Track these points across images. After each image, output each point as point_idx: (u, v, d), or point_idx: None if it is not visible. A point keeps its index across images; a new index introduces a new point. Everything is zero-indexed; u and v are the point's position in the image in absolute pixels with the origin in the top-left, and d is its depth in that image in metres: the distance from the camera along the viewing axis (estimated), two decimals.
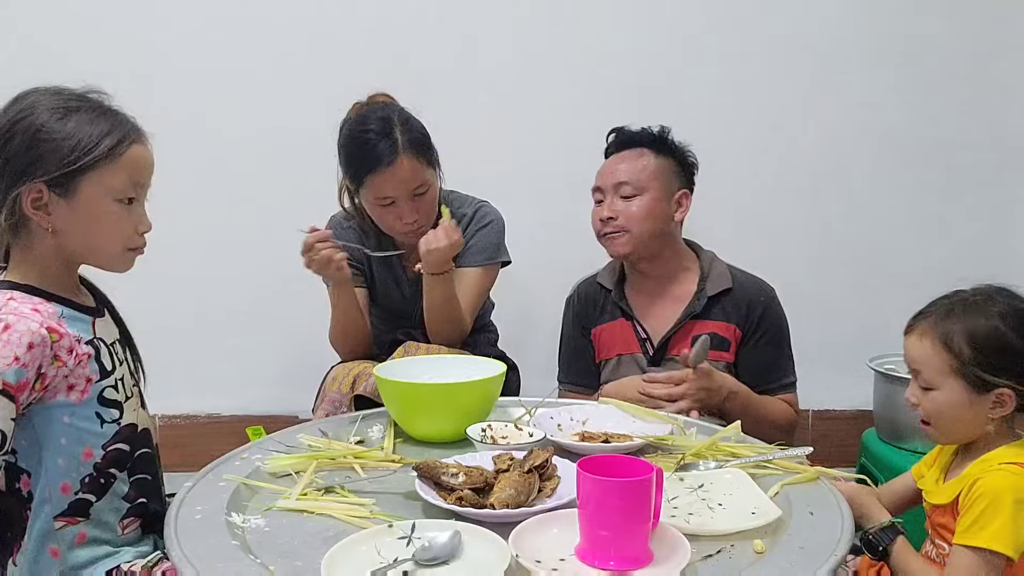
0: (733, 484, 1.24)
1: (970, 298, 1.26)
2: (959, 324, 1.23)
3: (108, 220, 1.17)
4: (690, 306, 1.82)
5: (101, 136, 1.14)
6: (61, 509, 1.16)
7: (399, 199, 1.79)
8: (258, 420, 2.11)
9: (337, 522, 1.13)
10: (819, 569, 0.99)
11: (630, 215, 1.80)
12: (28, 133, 1.11)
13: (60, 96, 1.16)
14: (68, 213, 1.15)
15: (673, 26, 2.56)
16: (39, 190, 1.13)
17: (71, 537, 1.17)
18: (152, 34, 2.50)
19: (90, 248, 1.20)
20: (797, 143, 2.61)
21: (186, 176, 2.43)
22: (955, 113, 2.61)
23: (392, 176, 1.76)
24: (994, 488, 1.15)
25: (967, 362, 1.21)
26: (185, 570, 0.99)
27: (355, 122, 1.82)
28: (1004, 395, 1.21)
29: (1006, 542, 1.13)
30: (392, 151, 1.75)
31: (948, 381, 1.23)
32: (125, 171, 1.17)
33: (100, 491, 1.20)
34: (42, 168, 1.11)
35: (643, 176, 1.81)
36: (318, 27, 2.52)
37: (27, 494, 1.16)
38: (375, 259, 1.92)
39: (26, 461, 1.15)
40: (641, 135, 1.86)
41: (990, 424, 1.23)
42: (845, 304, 2.61)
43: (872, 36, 2.57)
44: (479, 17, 2.53)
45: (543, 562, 0.99)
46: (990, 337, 1.21)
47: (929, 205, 2.65)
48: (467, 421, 1.43)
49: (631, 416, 1.51)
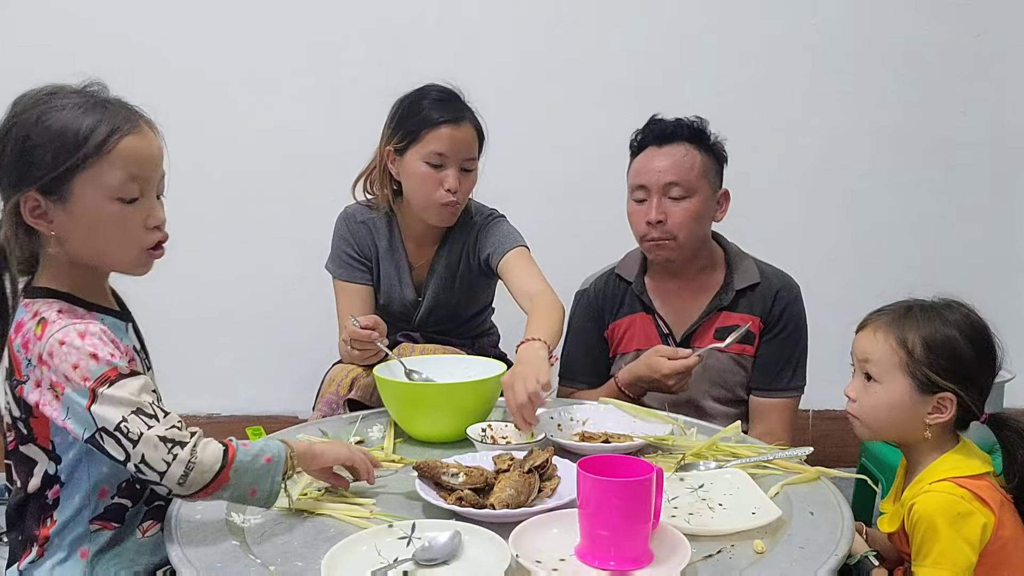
0: (733, 484, 1.24)
1: (928, 304, 1.27)
2: (916, 324, 1.24)
3: (110, 222, 1.08)
4: (717, 299, 1.79)
5: (88, 131, 1.04)
6: (97, 513, 1.13)
7: (450, 161, 1.77)
8: (258, 420, 2.10)
9: (337, 522, 1.13)
10: (819, 569, 0.99)
11: (679, 220, 1.72)
12: (19, 139, 1.04)
13: (52, 95, 1.07)
14: (67, 219, 1.06)
15: (673, 26, 2.55)
16: (35, 199, 1.05)
17: (103, 540, 1.14)
18: (151, 34, 2.49)
19: (98, 253, 1.11)
20: (797, 143, 2.61)
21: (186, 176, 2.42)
22: (955, 113, 2.60)
23: (455, 132, 1.76)
24: (926, 513, 1.16)
25: (918, 361, 1.22)
26: (185, 570, 0.99)
27: (423, 87, 1.83)
28: (946, 400, 1.21)
29: (946, 566, 1.13)
30: (460, 112, 1.79)
31: (895, 376, 1.24)
32: (119, 166, 1.06)
33: (136, 496, 1.17)
34: (33, 174, 1.04)
35: (692, 176, 1.72)
36: (318, 28, 2.52)
37: (52, 501, 1.12)
38: (383, 256, 1.91)
39: (66, 471, 1.11)
40: (680, 128, 1.75)
41: (927, 430, 1.23)
42: (845, 304, 2.60)
43: (872, 36, 2.57)
44: (479, 17, 2.53)
45: (543, 562, 0.99)
46: (945, 342, 1.22)
47: (929, 205, 2.65)
48: (467, 421, 1.43)
49: (631, 416, 1.51)
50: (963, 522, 1.14)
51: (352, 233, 1.90)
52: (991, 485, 1.20)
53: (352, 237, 1.90)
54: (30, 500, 1.14)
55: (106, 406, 1.02)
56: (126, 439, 1.01)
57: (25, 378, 1.07)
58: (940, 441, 1.24)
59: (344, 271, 1.89)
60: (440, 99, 1.80)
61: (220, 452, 1.05)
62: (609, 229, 2.57)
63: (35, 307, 1.08)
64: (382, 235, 1.91)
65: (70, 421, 1.04)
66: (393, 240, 1.91)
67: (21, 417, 1.10)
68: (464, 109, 1.81)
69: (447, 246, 1.91)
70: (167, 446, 1.01)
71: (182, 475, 1.02)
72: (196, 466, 1.02)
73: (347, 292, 1.89)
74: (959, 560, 1.13)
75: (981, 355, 1.22)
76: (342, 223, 1.92)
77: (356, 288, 1.89)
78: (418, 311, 1.93)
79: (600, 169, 2.56)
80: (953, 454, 1.23)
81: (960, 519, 1.15)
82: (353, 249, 1.89)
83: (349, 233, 1.90)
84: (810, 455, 1.34)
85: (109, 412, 1.01)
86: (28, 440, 1.11)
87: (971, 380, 1.21)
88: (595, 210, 2.54)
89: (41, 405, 1.06)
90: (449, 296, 1.93)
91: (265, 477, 1.09)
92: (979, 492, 1.17)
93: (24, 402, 1.08)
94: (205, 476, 1.03)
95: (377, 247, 1.91)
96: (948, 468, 1.21)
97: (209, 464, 1.03)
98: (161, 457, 1.01)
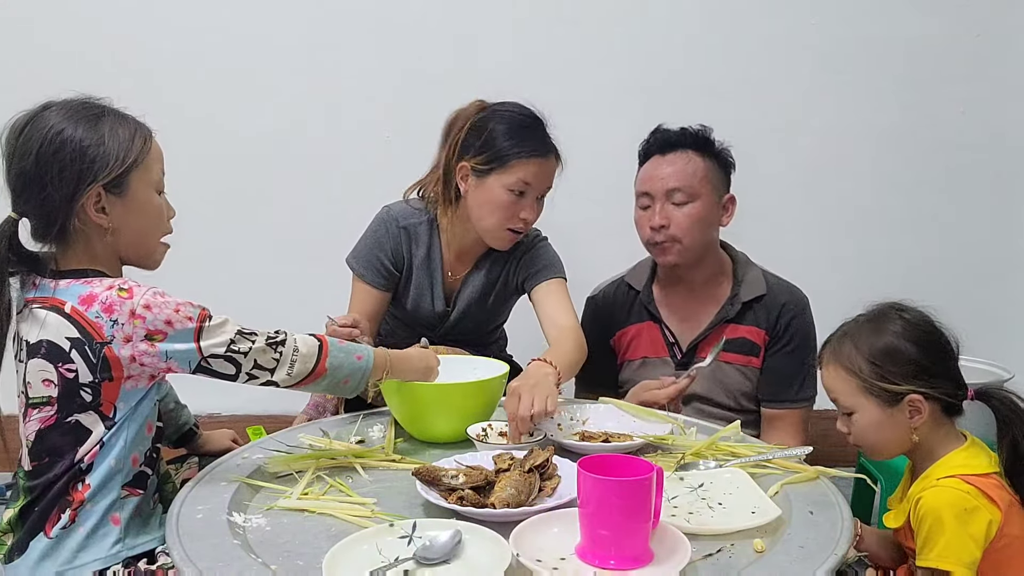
0: (733, 483, 1.25)
1: (861, 319, 1.29)
2: (853, 345, 1.26)
3: (153, 210, 1.28)
4: (723, 311, 1.80)
5: (132, 135, 1.23)
6: (128, 480, 1.22)
7: (531, 192, 1.76)
8: (258, 420, 2.10)
9: (338, 521, 1.14)
10: (819, 568, 0.99)
11: (682, 224, 1.74)
12: (73, 144, 1.19)
13: (78, 107, 1.22)
14: (123, 210, 1.24)
15: (673, 26, 2.56)
16: (98, 193, 1.20)
17: (132, 507, 1.22)
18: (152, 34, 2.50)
19: (140, 240, 1.29)
20: (797, 143, 2.61)
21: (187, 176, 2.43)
22: (955, 113, 2.61)
23: (543, 167, 1.76)
24: (933, 507, 1.17)
25: (869, 378, 1.23)
26: (187, 570, 1.00)
27: (516, 106, 1.81)
28: (915, 401, 1.22)
29: (951, 560, 1.14)
30: (549, 145, 1.79)
31: (860, 401, 1.25)
32: (156, 163, 1.28)
33: (153, 465, 1.27)
34: (96, 173, 1.19)
35: (694, 181, 1.75)
36: (318, 28, 2.52)
37: (87, 466, 1.18)
38: (418, 265, 1.87)
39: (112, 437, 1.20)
40: (684, 136, 1.79)
41: (915, 434, 1.24)
42: (844, 304, 2.61)
43: (871, 36, 2.57)
44: (479, 17, 2.53)
45: (544, 561, 0.99)
46: (884, 350, 1.23)
47: (929, 205, 2.65)
48: (470, 422, 1.43)
49: (631, 416, 1.51)
50: (969, 517, 1.15)
51: (391, 237, 1.85)
52: (999, 484, 1.20)
53: (390, 241, 1.85)
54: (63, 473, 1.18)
55: (212, 336, 1.21)
56: (238, 355, 1.22)
57: (110, 337, 1.17)
58: (940, 437, 1.25)
59: (369, 273, 1.85)
60: (530, 126, 1.78)
61: (315, 345, 1.27)
62: (609, 229, 2.58)
63: (94, 281, 1.20)
64: (422, 242, 1.87)
65: (173, 360, 1.20)
66: (432, 250, 1.87)
67: (93, 382, 1.18)
68: (550, 141, 1.79)
69: (488, 263, 1.89)
70: (272, 348, 1.24)
71: (289, 366, 1.25)
72: (299, 357, 1.25)
73: (364, 293, 1.86)
74: (963, 555, 1.14)
75: (927, 347, 1.23)
76: (382, 224, 1.86)
77: (374, 292, 1.85)
78: (446, 322, 1.91)
79: (600, 169, 2.57)
80: (961, 452, 1.24)
81: (966, 514, 1.15)
82: (386, 254, 1.84)
83: (388, 236, 1.85)
84: (809, 455, 1.34)
85: (217, 339, 1.21)
86: (90, 407, 1.18)
87: (928, 372, 1.22)
88: (595, 210, 2.55)
89: (137, 356, 1.18)
90: (480, 311, 1.91)
91: (357, 372, 1.31)
92: (986, 490, 1.17)
93: (106, 363, 1.17)
94: (308, 365, 1.26)
95: (414, 255, 1.87)
96: (956, 465, 1.21)
97: (309, 354, 1.26)
98: (271, 357, 1.24)
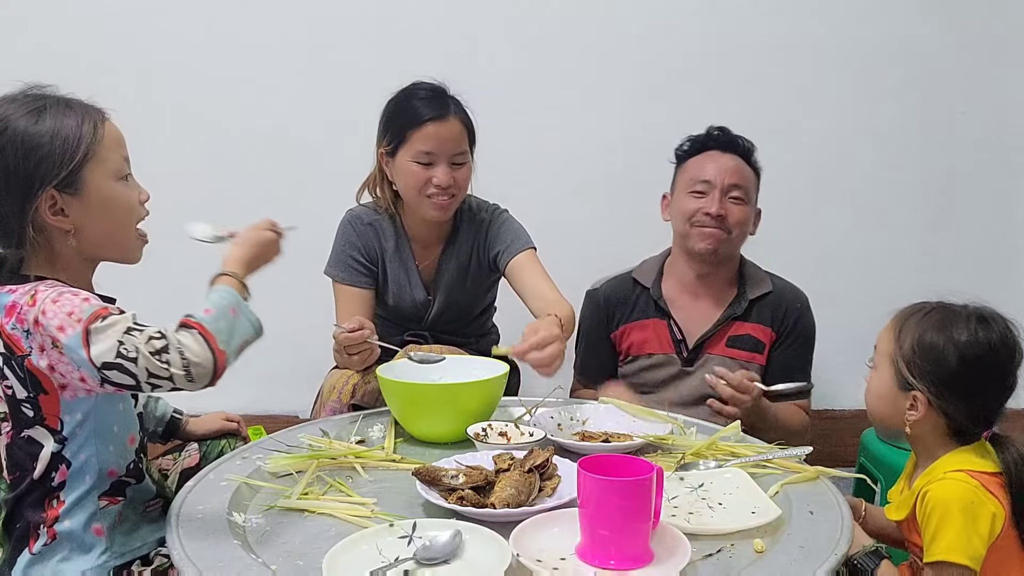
0: (733, 483, 1.25)
1: (953, 310, 1.27)
2: (920, 323, 1.25)
3: (118, 201, 1.19)
4: (731, 308, 1.87)
5: (79, 125, 1.13)
6: (103, 490, 1.18)
7: (439, 158, 1.77)
8: (258, 420, 2.09)
9: (338, 521, 1.14)
10: (819, 568, 0.99)
11: (736, 218, 1.84)
12: (15, 144, 1.10)
13: (18, 103, 1.14)
14: (82, 209, 1.15)
15: (673, 26, 2.56)
16: (51, 196, 1.12)
17: (113, 515, 1.19)
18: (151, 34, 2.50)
19: (109, 236, 1.20)
20: (797, 143, 2.61)
21: (187, 176, 2.43)
22: (955, 113, 2.61)
23: (440, 129, 1.76)
24: (942, 499, 1.17)
25: (902, 356, 1.24)
26: (187, 569, 1.00)
27: (408, 86, 1.83)
28: (918, 398, 1.22)
29: (959, 553, 1.14)
30: (444, 107, 1.78)
31: (885, 365, 1.27)
32: (113, 150, 1.18)
33: (139, 476, 1.23)
34: (44, 176, 1.11)
35: (749, 186, 1.87)
36: (318, 28, 2.52)
37: (59, 484, 1.15)
38: (390, 258, 1.90)
39: (72, 450, 1.15)
40: (739, 144, 1.88)
41: (906, 426, 1.25)
42: (843, 304, 2.61)
43: (872, 36, 2.57)
44: (479, 18, 2.53)
45: (544, 561, 1.00)
46: (931, 346, 1.22)
47: (929, 205, 2.65)
48: (468, 421, 1.43)
49: (631, 416, 1.51)
50: (975, 511, 1.15)
51: (359, 235, 1.89)
52: (1003, 484, 1.20)
53: (359, 239, 1.88)
54: (33, 488, 1.16)
55: (99, 338, 1.05)
56: (128, 361, 1.04)
57: (28, 350, 1.10)
58: (940, 438, 1.25)
59: (347, 274, 1.88)
60: (425, 97, 1.79)
61: (201, 341, 1.07)
62: (608, 228, 2.59)
63: (17, 289, 1.12)
64: (388, 236, 1.90)
65: (85, 370, 1.06)
66: (400, 241, 1.90)
67: (29, 397, 1.12)
68: (449, 104, 1.80)
69: (455, 245, 1.91)
70: (156, 356, 1.04)
71: (187, 375, 1.05)
72: (192, 363, 1.05)
73: (348, 296, 1.88)
74: (969, 549, 1.14)
75: (973, 371, 1.21)
76: (347, 225, 1.91)
77: (357, 292, 1.88)
78: (429, 311, 1.92)
79: (601, 169, 2.58)
80: (967, 450, 1.24)
81: (973, 508, 1.15)
82: (359, 252, 1.88)
83: (356, 235, 1.89)
84: (809, 455, 1.34)
85: (104, 343, 1.04)
86: (35, 422, 1.14)
87: (953, 390, 1.21)
88: (595, 209, 2.55)
89: (55, 365, 1.08)
90: (460, 294, 1.93)
91: (243, 321, 1.14)
92: (990, 487, 1.18)
93: (34, 377, 1.11)
94: (207, 366, 1.06)
95: (384, 249, 1.90)
96: (962, 461, 1.22)
97: (201, 356, 1.06)
98: (160, 366, 1.04)
